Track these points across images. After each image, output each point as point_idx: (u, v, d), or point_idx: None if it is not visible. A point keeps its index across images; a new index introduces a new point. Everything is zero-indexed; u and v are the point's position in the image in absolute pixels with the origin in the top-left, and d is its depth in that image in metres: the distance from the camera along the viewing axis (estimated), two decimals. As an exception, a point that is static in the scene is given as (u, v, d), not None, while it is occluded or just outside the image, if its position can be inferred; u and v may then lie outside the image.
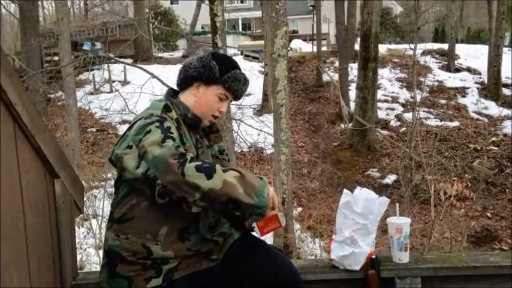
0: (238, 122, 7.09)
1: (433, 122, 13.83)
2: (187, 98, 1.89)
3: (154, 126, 1.67)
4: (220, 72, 1.85)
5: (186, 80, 1.90)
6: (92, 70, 14.08)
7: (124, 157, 1.70)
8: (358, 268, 1.96)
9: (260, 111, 14.50)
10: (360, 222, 1.94)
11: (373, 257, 1.97)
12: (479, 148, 12.44)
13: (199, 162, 1.58)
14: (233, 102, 2.06)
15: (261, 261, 1.81)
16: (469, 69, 17.80)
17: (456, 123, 13.94)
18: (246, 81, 1.92)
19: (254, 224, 1.81)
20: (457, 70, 17.72)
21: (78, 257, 5.79)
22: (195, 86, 1.88)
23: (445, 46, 19.15)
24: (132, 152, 1.69)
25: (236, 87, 1.88)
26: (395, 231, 1.99)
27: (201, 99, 1.87)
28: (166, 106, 1.82)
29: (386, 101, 15.46)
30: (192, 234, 1.74)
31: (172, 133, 1.67)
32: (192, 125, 1.86)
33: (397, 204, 2.11)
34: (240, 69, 1.92)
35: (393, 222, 2.00)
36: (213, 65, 1.85)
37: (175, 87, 1.99)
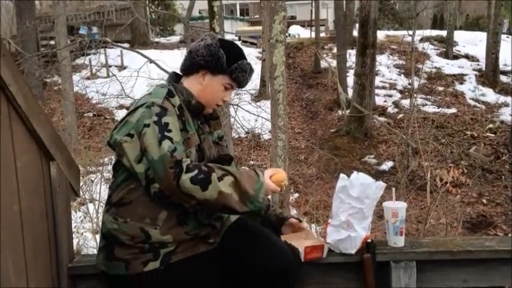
0: (236, 107, 7.07)
1: (431, 108, 13.83)
2: (192, 84, 1.87)
3: (152, 122, 1.67)
4: (227, 63, 1.83)
5: (192, 67, 1.88)
6: (88, 55, 14.00)
7: (124, 144, 1.71)
8: (353, 252, 1.96)
9: (258, 97, 14.47)
10: (356, 206, 1.94)
11: (369, 241, 1.97)
12: (476, 135, 12.47)
13: (195, 172, 1.61)
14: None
15: (258, 246, 1.82)
16: (467, 56, 17.77)
17: (453, 110, 13.95)
18: (251, 71, 1.92)
19: (301, 249, 1.90)
20: (455, 57, 17.69)
21: (75, 241, 5.82)
22: (201, 74, 1.86)
23: (444, 33, 19.08)
24: (133, 141, 1.70)
25: (242, 77, 1.88)
26: (391, 216, 1.99)
27: (206, 88, 1.86)
28: (169, 92, 1.80)
29: (384, 87, 15.44)
30: (190, 219, 1.75)
31: (170, 130, 1.67)
32: (194, 111, 1.86)
33: (393, 189, 2.10)
34: (246, 59, 1.91)
35: (389, 207, 2.00)
36: (221, 55, 1.83)
37: (172, 71, 1.98)
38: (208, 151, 1.85)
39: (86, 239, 6.33)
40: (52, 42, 16.31)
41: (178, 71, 1.96)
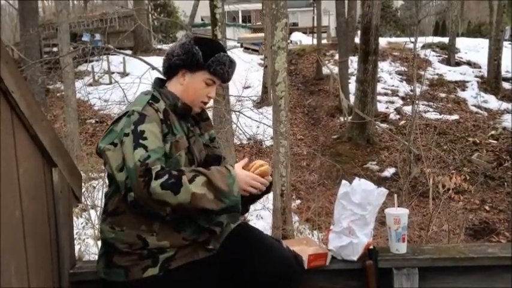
0: (238, 113, 7.07)
1: (433, 115, 13.83)
2: (175, 86, 1.86)
3: (130, 131, 1.68)
4: (204, 58, 1.81)
5: (170, 69, 1.88)
6: (91, 61, 14.03)
7: (107, 152, 1.71)
8: (355, 258, 1.96)
9: (260, 103, 14.48)
10: (358, 212, 1.94)
11: (371, 247, 1.97)
12: (478, 141, 12.45)
13: (165, 178, 1.59)
14: (233, 94, 2.05)
15: (257, 252, 1.81)
16: (469, 63, 17.78)
17: (455, 117, 13.95)
18: (231, 63, 1.87)
19: (305, 257, 1.91)
20: (457, 64, 17.69)
21: (77, 247, 5.82)
22: (180, 74, 1.85)
23: (446, 40, 19.11)
24: (117, 150, 1.70)
25: (222, 70, 1.84)
26: (393, 222, 1.98)
27: (188, 87, 1.84)
28: (153, 97, 1.80)
29: (386, 94, 15.44)
30: (187, 225, 1.74)
31: (145, 138, 1.66)
32: (182, 114, 1.84)
33: (396, 195, 2.10)
34: (224, 51, 1.88)
35: (391, 213, 2.00)
36: (196, 51, 1.81)
37: (156, 77, 1.97)
38: (199, 154, 1.83)
39: (87, 245, 6.33)
40: (55, 49, 16.38)
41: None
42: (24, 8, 14.08)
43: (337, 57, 16.84)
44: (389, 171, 11.19)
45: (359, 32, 13.61)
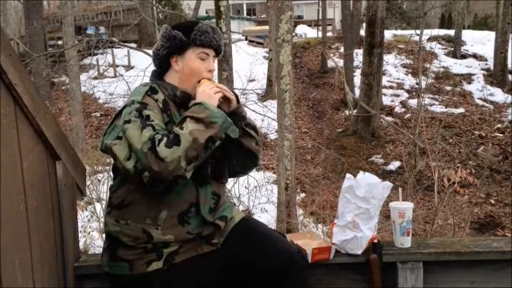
0: (242, 107, 7.05)
1: (438, 108, 13.77)
2: (172, 77, 1.86)
3: (133, 117, 1.68)
4: (185, 36, 1.83)
5: (162, 63, 1.88)
6: (95, 54, 14.06)
7: (113, 148, 1.70)
8: (360, 252, 1.95)
9: (264, 96, 14.46)
10: (362, 206, 1.93)
11: (375, 241, 1.96)
12: (484, 135, 12.39)
13: (165, 139, 1.61)
14: (237, 87, 2.03)
15: (260, 246, 1.81)
16: (475, 56, 17.66)
17: (461, 110, 13.87)
18: (214, 30, 1.88)
19: (309, 251, 1.90)
20: (463, 56, 17.58)
21: (82, 240, 5.84)
22: (173, 63, 1.85)
23: (452, 32, 18.97)
24: (122, 143, 1.69)
25: (208, 38, 1.84)
26: (398, 216, 1.98)
27: (184, 70, 1.84)
28: (151, 88, 1.80)
29: (391, 87, 15.38)
30: (192, 218, 1.74)
31: (152, 120, 1.67)
32: (182, 102, 1.84)
33: (400, 189, 2.09)
34: (202, 23, 1.89)
35: (396, 207, 1.99)
36: (175, 33, 1.83)
37: (153, 69, 1.95)
38: None
39: (93, 238, 6.35)
40: (60, 42, 16.42)
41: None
42: (29, 1, 14.07)
43: (342, 50, 16.77)
44: (394, 165, 11.16)
45: (364, 25, 13.54)
